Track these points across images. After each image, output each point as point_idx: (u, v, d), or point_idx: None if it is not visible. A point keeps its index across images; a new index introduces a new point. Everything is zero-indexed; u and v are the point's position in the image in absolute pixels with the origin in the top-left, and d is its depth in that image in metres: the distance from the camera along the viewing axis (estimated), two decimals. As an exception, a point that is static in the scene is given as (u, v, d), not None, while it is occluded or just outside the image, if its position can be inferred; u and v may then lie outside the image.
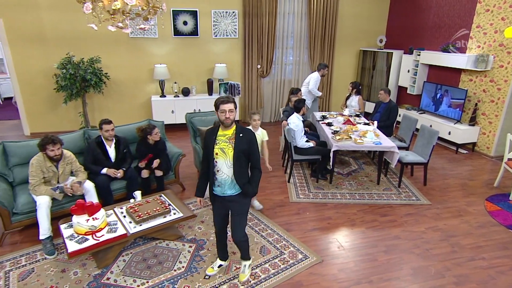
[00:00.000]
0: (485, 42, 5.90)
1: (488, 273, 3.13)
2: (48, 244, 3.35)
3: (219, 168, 2.66)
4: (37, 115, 6.67)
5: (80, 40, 6.41)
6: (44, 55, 6.32)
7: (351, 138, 4.52)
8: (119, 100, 7.00)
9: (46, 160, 3.44)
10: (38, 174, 3.39)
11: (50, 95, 6.54)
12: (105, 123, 3.89)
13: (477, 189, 4.75)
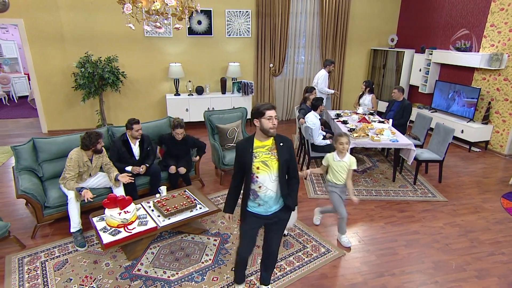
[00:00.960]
0: (499, 41, 5.96)
1: (508, 267, 3.22)
2: (79, 236, 3.49)
3: (261, 184, 2.38)
4: (55, 113, 6.82)
5: (97, 39, 6.55)
6: (62, 55, 6.47)
7: (368, 136, 4.62)
8: (134, 98, 7.14)
9: (83, 155, 3.58)
10: (75, 169, 3.51)
11: (67, 93, 6.70)
12: (135, 123, 4.00)
13: (492, 187, 4.83)
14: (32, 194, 3.46)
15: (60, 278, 3.04)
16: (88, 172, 3.71)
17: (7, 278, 3.01)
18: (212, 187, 4.78)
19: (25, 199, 3.50)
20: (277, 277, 3.06)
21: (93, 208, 3.79)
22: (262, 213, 2.46)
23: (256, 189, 2.40)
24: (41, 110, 6.74)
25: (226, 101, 7.23)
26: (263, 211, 2.45)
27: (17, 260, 3.25)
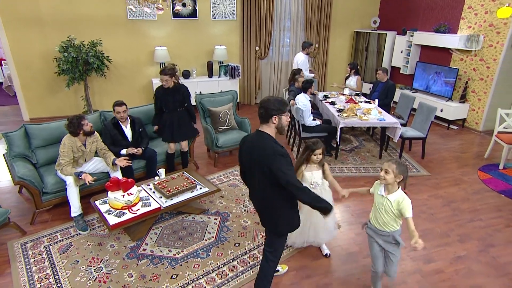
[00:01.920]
0: (475, 23, 6.26)
1: (486, 231, 3.55)
2: (80, 221, 3.53)
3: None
4: (36, 100, 6.63)
5: (78, 23, 6.36)
6: (42, 39, 6.25)
7: (357, 115, 4.82)
8: (120, 83, 7.03)
9: (76, 140, 3.57)
10: (70, 154, 3.51)
11: (49, 79, 6.51)
12: (117, 105, 3.98)
13: (470, 161, 5.19)
14: (29, 180, 3.46)
15: (66, 260, 3.10)
16: (83, 157, 3.71)
17: (12, 262, 3.04)
18: (207, 170, 4.87)
19: (23, 186, 3.48)
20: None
21: (92, 192, 3.83)
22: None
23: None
24: (21, 97, 6.53)
25: (213, 85, 7.24)
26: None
27: (20, 246, 3.27)
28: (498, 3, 5.82)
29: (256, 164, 2.20)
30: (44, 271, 2.97)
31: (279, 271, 2.92)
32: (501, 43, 5.88)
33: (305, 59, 6.45)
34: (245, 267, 3.05)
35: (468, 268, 3.04)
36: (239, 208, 3.92)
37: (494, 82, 6.07)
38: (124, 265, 3.06)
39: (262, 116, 2.19)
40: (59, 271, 2.98)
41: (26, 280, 2.87)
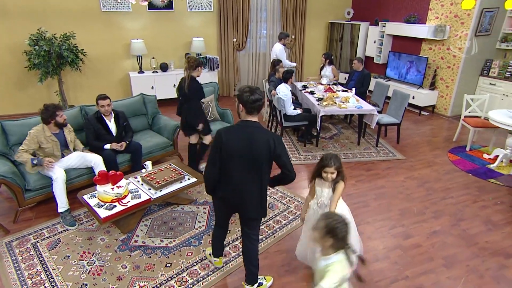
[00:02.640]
0: (442, 14, 6.60)
1: (456, 207, 3.85)
2: (68, 216, 3.50)
3: None
4: (5, 97, 6.34)
5: (48, 14, 6.12)
6: (8, 31, 5.96)
7: (336, 104, 5.01)
8: (95, 77, 6.86)
9: (45, 130, 3.52)
10: (30, 144, 3.45)
11: (19, 74, 6.25)
12: (100, 98, 3.94)
13: (440, 144, 5.53)
14: (11, 178, 3.37)
15: (56, 256, 3.08)
16: (58, 147, 3.63)
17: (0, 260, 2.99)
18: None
19: (4, 184, 3.39)
20: (268, 234, 3.37)
21: (76, 188, 3.78)
22: None
23: None
24: (-11, 93, 6.24)
25: (192, 77, 7.20)
26: None
27: (5, 245, 3.21)
28: (462, -5, 6.18)
29: (259, 155, 2.25)
30: (34, 267, 2.95)
31: (263, 284, 2.74)
32: (465, 33, 6.24)
33: (282, 49, 6.56)
34: (237, 252, 3.15)
35: (442, 241, 3.31)
36: (226, 197, 4.01)
37: (459, 69, 6.45)
38: (117, 257, 3.08)
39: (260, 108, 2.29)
40: (49, 266, 2.96)
41: (16, 278, 2.84)
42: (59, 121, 3.53)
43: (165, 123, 4.83)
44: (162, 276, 2.88)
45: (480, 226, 3.53)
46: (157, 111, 5.07)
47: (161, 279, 2.86)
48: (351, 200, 3.93)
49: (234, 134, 2.31)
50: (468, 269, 2.96)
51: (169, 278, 2.86)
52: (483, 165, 4.80)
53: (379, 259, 3.07)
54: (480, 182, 4.39)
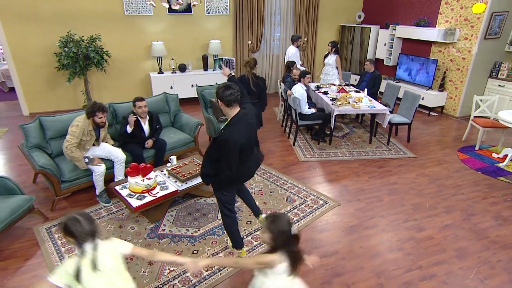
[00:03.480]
0: (452, 17, 6.62)
1: (467, 203, 3.91)
2: (104, 195, 3.78)
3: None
4: (36, 95, 6.57)
5: (76, 18, 6.32)
6: (39, 34, 6.18)
7: (349, 103, 5.09)
8: (117, 78, 7.04)
9: (89, 123, 3.68)
10: (79, 136, 3.59)
11: (48, 74, 6.47)
12: (138, 100, 4.06)
13: (449, 143, 5.57)
14: (49, 169, 3.55)
15: (91, 242, 3.23)
16: (91, 143, 3.79)
17: (42, 245, 3.15)
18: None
19: (43, 174, 3.56)
20: (287, 225, 3.48)
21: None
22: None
23: None
24: (20, 92, 6.46)
25: (209, 78, 7.36)
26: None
27: (45, 230, 3.38)
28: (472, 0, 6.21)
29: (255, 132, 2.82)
30: (73, 251, 3.11)
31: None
32: (475, 36, 6.26)
33: (296, 52, 6.65)
34: (259, 241, 3.27)
35: (454, 234, 3.38)
36: (246, 191, 4.13)
37: (469, 72, 6.46)
38: (147, 244, 3.23)
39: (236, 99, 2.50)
40: (86, 251, 3.11)
41: (57, 260, 3.00)
42: (96, 121, 3.68)
43: (187, 120, 4.98)
44: (190, 262, 3.01)
45: (491, 221, 3.59)
46: (178, 109, 5.21)
47: (189, 264, 2.99)
48: (365, 195, 4.02)
49: (242, 132, 2.49)
50: (480, 261, 3.03)
51: (196, 263, 2.99)
52: (493, 164, 4.83)
53: (393, 250, 3.16)
54: (490, 180, 4.43)
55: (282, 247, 1.85)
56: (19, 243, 3.19)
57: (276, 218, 1.89)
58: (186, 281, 2.81)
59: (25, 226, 3.40)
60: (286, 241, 1.85)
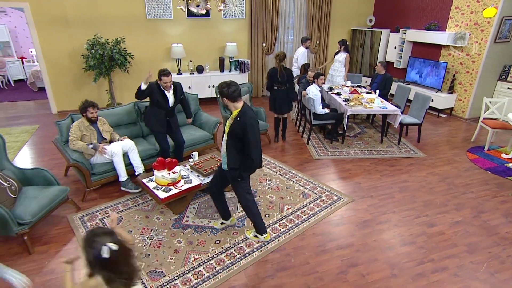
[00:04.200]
0: (462, 22, 6.60)
1: (477, 201, 3.93)
2: (129, 183, 3.93)
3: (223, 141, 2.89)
4: (63, 95, 6.78)
5: (101, 22, 6.50)
6: (68, 38, 6.38)
7: (362, 104, 5.14)
8: (139, 78, 7.19)
9: (84, 121, 3.87)
10: (76, 132, 3.80)
11: (75, 75, 6.67)
12: (164, 74, 3.91)
13: (458, 144, 5.57)
14: (82, 162, 3.71)
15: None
16: (94, 136, 3.92)
17: (76, 232, 3.30)
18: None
19: (76, 167, 3.72)
20: (303, 219, 3.56)
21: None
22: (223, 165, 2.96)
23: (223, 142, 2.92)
24: (50, 92, 6.68)
25: (225, 79, 7.15)
26: (222, 163, 2.98)
27: (78, 219, 3.53)
28: (482, 4, 6.17)
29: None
30: (104, 239, 3.25)
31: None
32: (485, 40, 6.23)
33: (304, 52, 6.75)
34: (277, 233, 3.36)
35: (464, 230, 3.41)
36: (263, 186, 4.22)
37: (478, 75, 6.44)
38: (172, 234, 3.35)
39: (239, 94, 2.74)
40: (117, 239, 3.25)
41: (90, 247, 3.14)
42: (88, 116, 3.85)
43: (206, 119, 5.09)
44: (213, 251, 3.12)
45: (500, 218, 3.61)
46: (198, 108, 5.33)
47: (212, 253, 3.09)
48: (378, 192, 4.08)
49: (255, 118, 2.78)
50: (490, 256, 3.07)
51: (219, 252, 3.10)
52: (502, 164, 4.83)
53: (406, 243, 3.21)
54: (499, 179, 4.44)
55: (99, 271, 1.53)
56: (56, 230, 3.34)
57: (88, 238, 1.54)
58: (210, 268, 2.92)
59: (61, 214, 3.56)
60: (101, 264, 1.51)
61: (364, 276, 2.82)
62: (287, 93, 5.15)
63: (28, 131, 5.73)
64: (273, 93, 5.20)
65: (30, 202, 3.08)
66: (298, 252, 3.09)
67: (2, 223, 2.82)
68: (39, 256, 2.99)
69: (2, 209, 2.78)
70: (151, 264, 2.94)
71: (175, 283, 2.77)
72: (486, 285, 2.75)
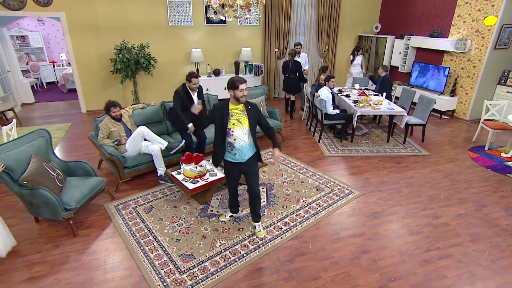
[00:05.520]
0: (464, 29, 6.65)
1: (479, 196, 4.01)
2: (166, 177, 4.11)
3: (236, 136, 2.82)
4: (92, 95, 7.00)
5: (128, 29, 6.70)
6: (97, 43, 6.60)
7: (370, 105, 5.24)
8: (160, 80, 7.40)
9: (110, 119, 4.06)
10: (104, 132, 4.01)
11: (103, 77, 6.88)
12: (194, 76, 4.13)
13: (460, 144, 5.64)
14: (116, 156, 3.88)
15: (152, 218, 3.54)
16: (122, 130, 4.10)
17: (112, 218, 3.48)
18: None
19: (111, 161, 3.89)
20: (318, 211, 3.69)
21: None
22: (239, 160, 2.92)
23: (231, 141, 2.84)
24: (80, 92, 6.90)
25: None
26: (240, 158, 2.91)
27: (114, 207, 3.71)
28: (483, 13, 6.22)
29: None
30: (138, 225, 3.42)
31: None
32: (486, 46, 6.28)
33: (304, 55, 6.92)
34: (295, 222, 3.49)
35: (467, 222, 3.51)
36: (279, 180, 4.35)
37: (479, 79, 6.48)
38: (199, 221, 3.50)
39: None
40: (149, 225, 3.42)
41: (127, 231, 3.31)
42: (112, 115, 4.05)
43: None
44: (237, 237, 3.26)
45: (501, 211, 3.70)
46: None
47: (237, 239, 3.24)
48: (386, 187, 4.19)
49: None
50: (491, 245, 3.16)
51: (242, 239, 3.24)
52: (501, 163, 4.89)
53: (413, 233, 3.32)
54: (499, 176, 4.51)
55: None
56: (95, 216, 3.52)
57: None
58: (235, 252, 3.06)
59: (98, 203, 3.74)
60: None
61: (376, 262, 2.94)
62: (296, 80, 6.37)
63: (62, 129, 5.95)
64: (286, 80, 6.46)
65: (74, 191, 3.26)
66: (315, 239, 3.22)
67: (52, 208, 3.00)
68: (83, 239, 3.17)
69: (53, 196, 2.96)
70: (181, 248, 3.10)
71: (204, 265, 2.92)
72: (488, 271, 2.86)
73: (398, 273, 2.82)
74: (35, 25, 9.47)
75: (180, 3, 6.91)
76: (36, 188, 2.96)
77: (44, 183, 3.06)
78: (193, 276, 2.79)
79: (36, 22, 9.43)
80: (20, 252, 2.99)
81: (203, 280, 2.75)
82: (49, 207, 3.03)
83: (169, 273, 2.82)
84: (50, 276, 2.73)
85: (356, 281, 2.73)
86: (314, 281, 2.73)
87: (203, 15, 7.16)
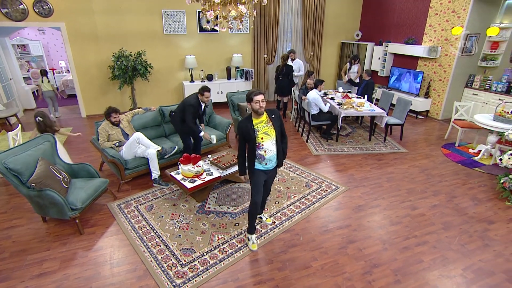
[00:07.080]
0: (434, 37, 6.87)
1: (450, 188, 4.19)
2: (160, 180, 4.11)
3: (266, 149, 2.72)
4: (91, 100, 6.92)
5: (125, 37, 6.66)
6: (96, 51, 6.53)
7: (353, 107, 5.38)
8: (156, 86, 7.37)
9: (108, 123, 4.07)
10: (104, 135, 4.04)
11: (101, 83, 6.81)
12: (207, 90, 4.11)
13: (434, 141, 5.84)
14: (117, 158, 3.88)
15: (154, 215, 3.56)
16: (121, 134, 4.12)
17: (116, 217, 3.49)
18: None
19: (113, 163, 3.89)
20: (307, 205, 3.78)
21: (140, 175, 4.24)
22: (268, 168, 2.84)
23: (262, 154, 2.73)
24: (80, 98, 6.81)
25: (231, 86, 7.66)
26: (270, 167, 2.84)
27: (116, 206, 3.71)
28: (450, 23, 6.46)
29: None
30: (141, 222, 3.44)
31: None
32: (454, 53, 6.51)
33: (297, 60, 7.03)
34: (286, 217, 3.57)
35: (440, 212, 3.67)
36: (271, 178, 4.42)
37: (449, 82, 6.72)
38: (197, 218, 3.54)
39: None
40: (151, 222, 3.44)
41: (130, 228, 3.33)
42: (111, 120, 4.06)
43: (219, 121, 5.28)
44: (233, 232, 3.32)
45: (469, 201, 3.87)
46: (212, 111, 5.52)
47: (233, 233, 3.30)
48: (369, 182, 4.32)
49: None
50: (461, 231, 3.32)
51: (239, 233, 3.31)
52: (469, 158, 5.10)
53: (393, 223, 3.45)
54: (467, 170, 4.71)
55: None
56: (99, 215, 3.52)
57: None
58: (232, 245, 3.12)
59: (101, 203, 3.74)
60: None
61: (361, 250, 3.05)
62: (288, 82, 6.62)
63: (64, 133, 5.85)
64: (278, 82, 6.70)
65: (79, 191, 3.26)
66: (305, 232, 3.31)
67: (59, 208, 3.00)
68: (88, 236, 3.17)
69: (60, 197, 2.95)
70: (182, 243, 3.14)
71: (204, 258, 2.97)
72: (458, 254, 3.01)
73: (380, 260, 2.94)
74: (35, 34, 9.29)
75: (175, 12, 6.90)
76: (44, 190, 2.95)
77: (51, 185, 3.05)
78: (194, 268, 2.84)
79: (36, 31, 9.26)
80: (30, 250, 2.98)
81: (204, 272, 2.80)
82: (56, 207, 3.02)
83: (172, 266, 2.86)
84: (60, 272, 2.74)
85: (344, 268, 2.83)
86: (306, 269, 2.82)
87: (196, 24, 7.18)
